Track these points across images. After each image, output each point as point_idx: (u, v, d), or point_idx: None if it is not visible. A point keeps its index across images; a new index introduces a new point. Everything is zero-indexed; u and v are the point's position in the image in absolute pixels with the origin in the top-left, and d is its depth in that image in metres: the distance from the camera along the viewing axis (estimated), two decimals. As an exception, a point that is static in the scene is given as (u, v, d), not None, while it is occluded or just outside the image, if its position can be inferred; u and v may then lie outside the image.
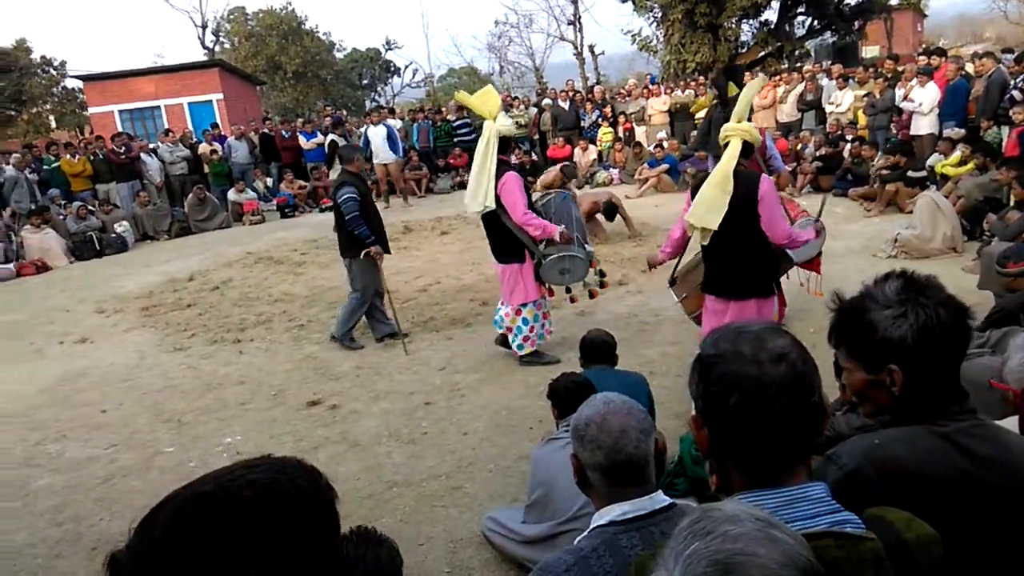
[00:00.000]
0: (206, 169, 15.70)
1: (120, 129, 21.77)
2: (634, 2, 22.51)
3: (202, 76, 26.12)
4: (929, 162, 9.88)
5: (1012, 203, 7.35)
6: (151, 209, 14.02)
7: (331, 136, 13.38)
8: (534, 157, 15.93)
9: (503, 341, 5.97)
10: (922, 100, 10.61)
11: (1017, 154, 8.23)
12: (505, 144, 5.53)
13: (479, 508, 3.89)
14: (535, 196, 5.98)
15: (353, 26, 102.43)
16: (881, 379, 1.50)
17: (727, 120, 5.29)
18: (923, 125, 10.62)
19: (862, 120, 12.33)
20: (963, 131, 9.92)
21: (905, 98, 10.94)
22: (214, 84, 25.86)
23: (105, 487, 4.60)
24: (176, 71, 26.68)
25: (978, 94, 9.81)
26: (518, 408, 5.08)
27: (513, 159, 5.72)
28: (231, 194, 14.92)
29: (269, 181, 16.21)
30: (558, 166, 10.57)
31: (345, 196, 6.25)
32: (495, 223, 5.57)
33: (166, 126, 21.52)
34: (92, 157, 14.48)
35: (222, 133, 17.58)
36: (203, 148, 15.84)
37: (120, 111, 25.32)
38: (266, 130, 16.96)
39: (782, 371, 1.20)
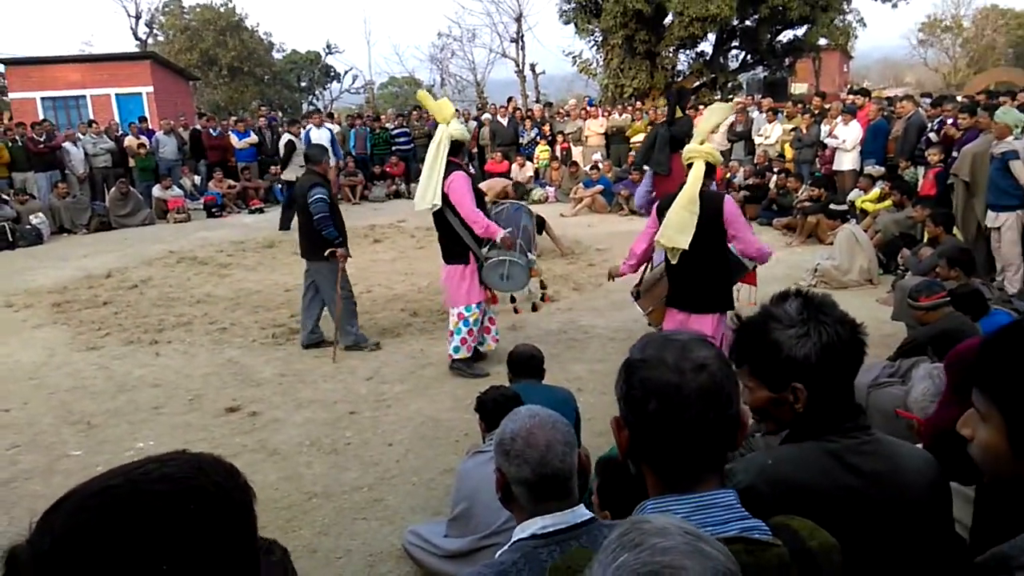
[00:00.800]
0: (131, 163, 15.14)
1: (42, 117, 20.84)
2: (576, 25, 22.86)
3: (132, 68, 25.25)
4: (850, 197, 10.29)
5: (926, 239, 7.72)
6: (70, 201, 13.44)
7: (287, 136, 13.07)
8: (471, 170, 15.92)
9: (476, 355, 5.97)
10: (846, 137, 11.06)
11: (932, 194, 8.64)
12: (456, 147, 5.65)
13: (400, 521, 3.83)
14: (490, 205, 6.02)
15: (294, 28, 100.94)
16: (784, 397, 1.54)
17: (672, 138, 5.66)
18: (846, 161, 11.06)
19: (789, 153, 12.77)
20: (882, 169, 10.37)
21: (830, 134, 11.39)
22: (145, 76, 25.03)
23: (5, 490, 4.36)
24: (105, 61, 25.71)
25: (897, 135, 10.28)
26: (445, 420, 5.04)
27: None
28: (156, 190, 14.43)
29: (197, 179, 15.77)
30: (509, 181, 10.71)
31: (316, 197, 6.18)
32: (443, 223, 5.65)
33: (91, 117, 20.71)
34: (10, 144, 13.81)
35: (150, 127, 17.02)
36: (129, 141, 15.28)
37: (43, 98, 24.24)
38: (197, 126, 16.49)
39: (702, 381, 1.22)
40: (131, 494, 0.88)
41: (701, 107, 15.20)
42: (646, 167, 6.42)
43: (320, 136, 13.53)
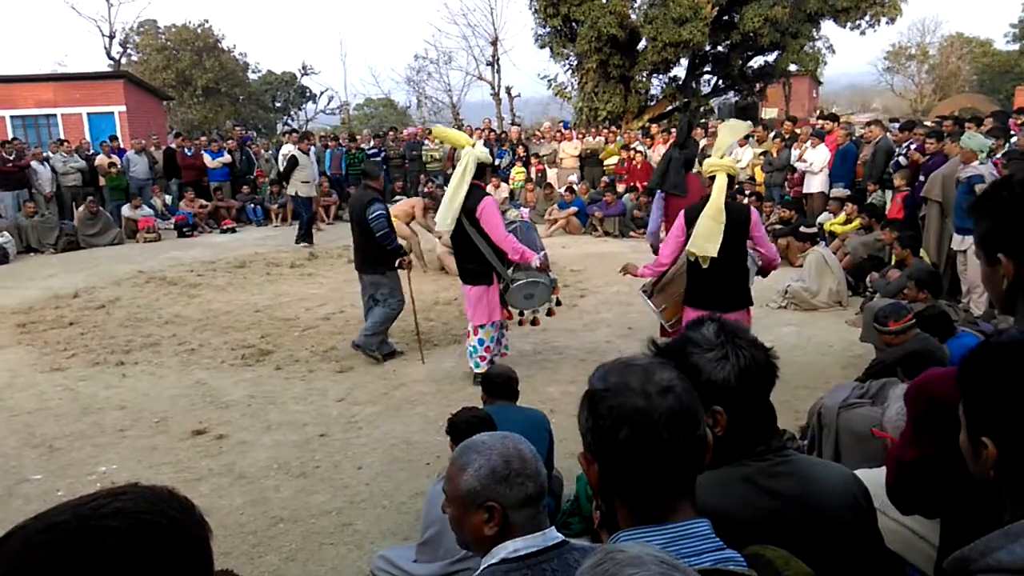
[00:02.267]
0: (102, 182, 14.95)
1: (11, 135, 20.55)
2: (551, 49, 23.07)
3: (105, 87, 25.02)
4: (819, 219, 10.43)
5: (893, 262, 7.83)
6: (38, 220, 13.22)
7: (292, 151, 12.97)
8: (445, 190, 15.94)
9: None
10: (813, 160, 11.24)
11: (900, 217, 8.78)
12: (481, 170, 5.80)
13: (370, 546, 3.77)
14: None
15: (270, 48, 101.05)
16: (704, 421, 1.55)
17: (685, 162, 6.13)
18: (814, 184, 11.23)
19: (760, 176, 12.93)
20: (848, 192, 10.54)
21: (799, 158, 11.56)
22: (117, 96, 24.80)
23: (-41, 516, 4.23)
24: (77, 80, 25.47)
25: (866, 159, 10.48)
26: (416, 442, 4.98)
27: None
28: (126, 210, 14.23)
29: (168, 198, 15.61)
30: (417, 198, 10.75)
31: (376, 213, 6.31)
32: (468, 245, 5.76)
33: (62, 135, 20.46)
34: (-24, 162, 13.58)
35: (121, 146, 16.83)
36: (100, 160, 15.09)
37: (12, 116, 23.93)
38: (172, 145, 16.34)
39: (670, 403, 1.21)
40: (80, 530, 0.84)
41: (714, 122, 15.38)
42: (658, 192, 6.50)
43: (305, 160, 13.20)
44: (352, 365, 6.53)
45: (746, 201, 11.77)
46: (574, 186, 14.52)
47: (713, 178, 4.82)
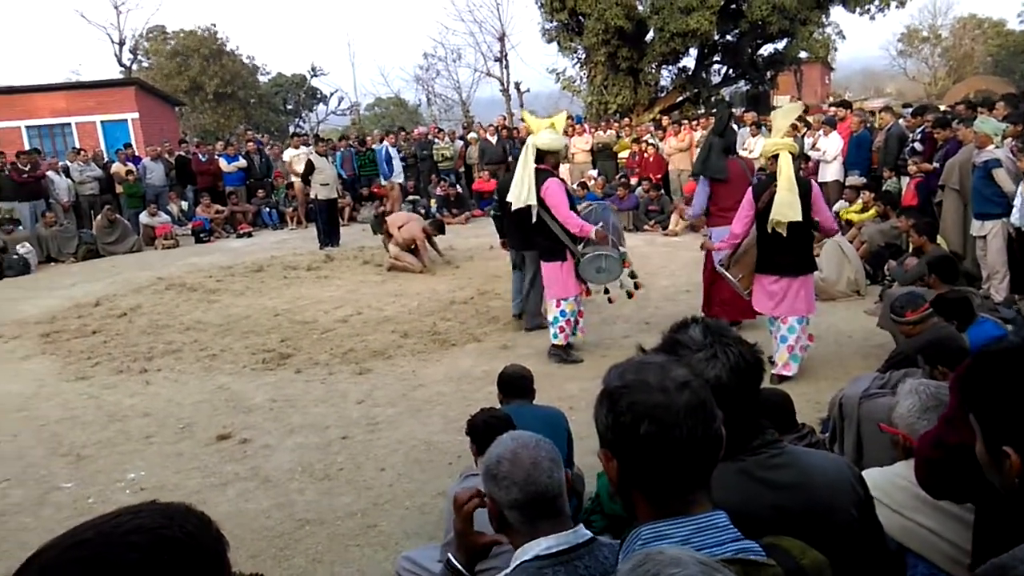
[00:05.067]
0: (119, 190, 15.10)
1: (27, 146, 20.77)
2: (559, 43, 23.01)
3: (117, 94, 25.26)
4: (835, 208, 10.36)
5: (910, 250, 7.78)
6: (57, 230, 13.38)
7: (310, 154, 13.13)
8: (459, 189, 16.00)
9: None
10: (826, 148, 11.17)
11: (915, 204, 8.72)
12: (541, 155, 6.29)
13: (395, 547, 3.81)
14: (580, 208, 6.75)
15: (278, 51, 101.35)
16: None
17: (725, 148, 6.80)
18: (829, 173, 11.15)
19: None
20: (863, 179, 10.47)
21: (812, 147, 11.49)
22: (130, 103, 25.03)
23: (-7, 525, 4.32)
24: (90, 88, 25.73)
25: (879, 146, 10.39)
26: (436, 443, 5.02)
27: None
28: (143, 217, 14.39)
29: (184, 205, 15.75)
30: (427, 222, 10.95)
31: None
32: (541, 225, 6.26)
33: (77, 144, 20.66)
34: (-6, 174, 13.76)
35: (135, 153, 16.99)
36: (117, 168, 15.24)
37: (28, 127, 24.21)
38: (182, 152, 16.48)
39: (687, 398, 1.25)
40: (103, 547, 0.89)
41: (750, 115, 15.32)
42: (701, 177, 7.02)
43: (322, 162, 13.25)
44: (371, 367, 6.58)
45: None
46: (589, 181, 14.50)
47: (776, 157, 5.45)
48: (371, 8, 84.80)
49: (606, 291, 6.59)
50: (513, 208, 6.35)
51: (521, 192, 6.29)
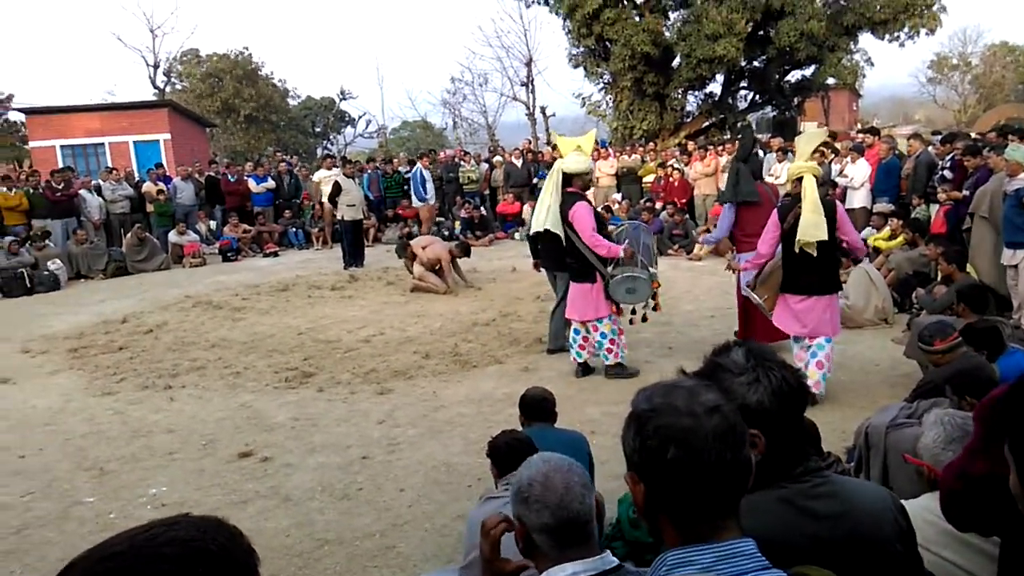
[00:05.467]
0: (149, 208, 15.37)
1: (61, 164, 21.24)
2: (585, 69, 23.14)
3: (150, 115, 25.78)
4: (862, 235, 10.25)
5: (939, 278, 7.67)
6: (87, 247, 13.62)
7: (337, 176, 13.34)
8: (483, 211, 16.08)
9: (584, 370, 6.64)
10: (854, 175, 11.09)
11: (944, 231, 8.61)
12: (568, 178, 6.37)
13: (413, 569, 3.79)
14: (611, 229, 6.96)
15: (309, 75, 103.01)
16: None
17: (752, 171, 6.96)
18: (856, 199, 11.06)
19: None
20: (891, 206, 10.36)
21: (840, 173, 11.41)
22: (162, 124, 25.53)
23: (18, 538, 4.35)
24: (124, 109, 26.31)
25: (908, 173, 10.30)
26: (457, 465, 5.00)
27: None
28: (172, 235, 14.62)
29: (213, 224, 15.97)
30: (453, 243, 11.02)
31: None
32: (571, 247, 6.34)
33: (109, 163, 21.09)
34: (30, 192, 14.07)
35: (166, 173, 17.30)
36: (147, 187, 15.53)
37: (62, 146, 24.77)
38: (211, 173, 16.76)
39: (716, 423, 1.23)
40: (136, 559, 0.90)
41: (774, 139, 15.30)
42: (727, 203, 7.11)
43: (349, 184, 13.33)
44: (392, 387, 6.59)
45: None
46: (613, 204, 14.51)
47: (800, 179, 5.58)
48: (400, 33, 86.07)
49: (633, 311, 6.63)
50: (531, 231, 6.39)
51: (540, 215, 6.40)
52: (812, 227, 5.42)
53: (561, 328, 7.19)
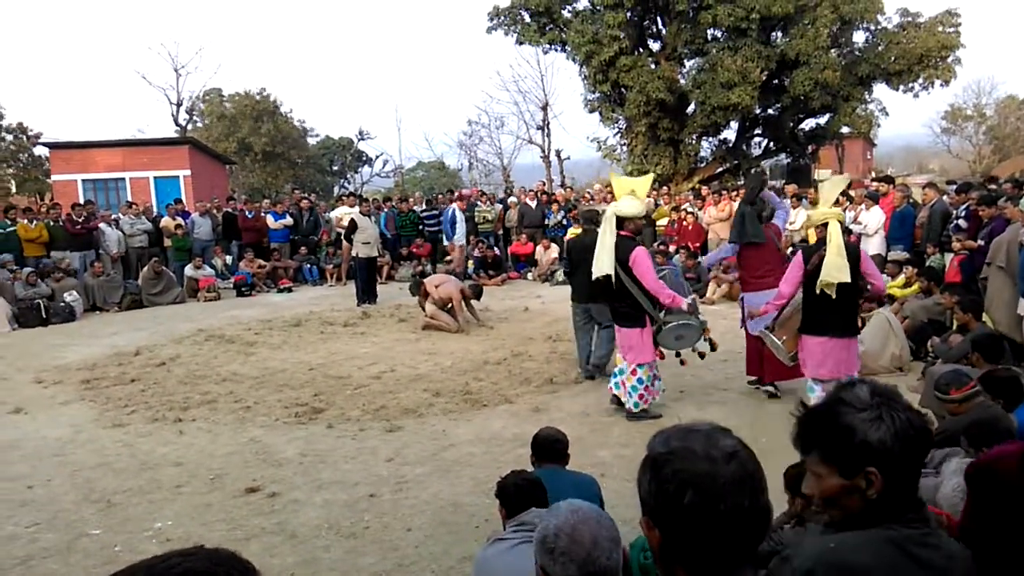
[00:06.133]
0: (167, 243, 15.56)
1: (82, 198, 21.58)
2: (601, 114, 23.40)
3: (171, 152, 26.23)
4: (877, 282, 10.22)
5: (954, 327, 7.61)
6: (104, 280, 13.75)
7: (353, 214, 13.52)
8: (496, 251, 16.16)
9: (619, 402, 6.64)
10: (868, 222, 11.09)
11: (958, 280, 8.56)
12: (621, 222, 6.40)
13: (418, 610, 3.73)
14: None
15: (328, 115, 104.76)
16: (856, 484, 1.50)
17: (758, 214, 7.17)
18: (871, 246, 11.02)
19: (813, 238, 12.72)
20: (906, 254, 10.34)
21: (854, 220, 11.41)
22: (183, 160, 25.96)
23: (23, 568, 4.33)
24: (145, 145, 26.82)
25: (923, 221, 10.30)
26: (465, 504, 4.95)
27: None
28: (188, 269, 14.76)
29: (228, 259, 16.11)
30: (466, 283, 11.09)
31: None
32: (621, 289, 6.33)
33: (129, 198, 21.41)
34: (50, 224, 14.28)
35: (185, 208, 17.54)
36: (166, 222, 15.75)
37: (83, 180, 25.21)
38: (229, 209, 16.96)
39: (733, 469, 1.21)
40: None
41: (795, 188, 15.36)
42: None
43: (365, 222, 13.52)
44: (401, 425, 6.56)
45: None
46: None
47: (825, 225, 5.84)
48: (419, 76, 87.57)
49: (677, 354, 6.68)
50: (594, 277, 6.41)
51: (601, 261, 6.34)
52: (835, 269, 5.60)
53: (606, 360, 7.52)
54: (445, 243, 15.63)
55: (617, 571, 1.64)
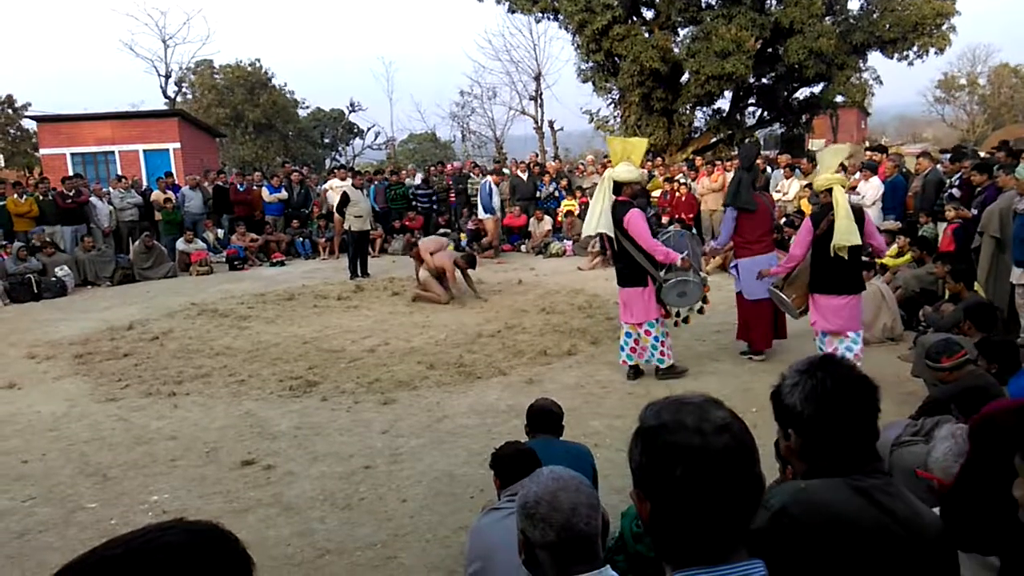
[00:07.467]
0: (157, 217, 15.44)
1: (71, 172, 21.37)
2: (594, 83, 23.20)
3: (161, 125, 25.92)
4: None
5: (946, 296, 7.63)
6: (95, 254, 13.67)
7: (346, 187, 13.42)
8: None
9: (635, 373, 6.81)
10: (865, 193, 11.06)
11: (952, 249, 8.58)
12: (618, 187, 6.50)
13: (413, 579, 3.76)
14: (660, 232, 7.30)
15: (318, 86, 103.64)
16: (792, 444, 1.65)
17: (753, 181, 7.27)
18: (870, 217, 11.03)
19: (807, 208, 12.74)
20: (899, 224, 10.33)
21: (851, 189, 11.38)
22: (172, 133, 25.67)
23: (19, 542, 4.35)
24: (134, 118, 26.49)
25: (916, 191, 10.28)
26: (460, 475, 4.98)
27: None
28: (179, 243, 14.67)
29: (220, 232, 16.02)
30: (460, 254, 10.96)
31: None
32: (620, 250, 6.51)
33: (119, 172, 21.21)
34: (40, 198, 14.15)
35: (175, 182, 17.38)
36: (156, 195, 15.61)
37: (72, 154, 24.92)
38: (220, 182, 16.83)
39: (725, 441, 1.20)
40: (131, 564, 0.89)
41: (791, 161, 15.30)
42: (729, 209, 7.33)
43: (357, 195, 13.32)
44: (396, 397, 6.58)
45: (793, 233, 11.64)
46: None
47: (829, 191, 6.02)
48: (411, 47, 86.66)
49: (677, 313, 6.89)
50: (583, 235, 6.60)
51: (592, 219, 6.53)
52: (847, 232, 5.87)
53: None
54: (481, 216, 15.32)
55: (596, 536, 1.68)
